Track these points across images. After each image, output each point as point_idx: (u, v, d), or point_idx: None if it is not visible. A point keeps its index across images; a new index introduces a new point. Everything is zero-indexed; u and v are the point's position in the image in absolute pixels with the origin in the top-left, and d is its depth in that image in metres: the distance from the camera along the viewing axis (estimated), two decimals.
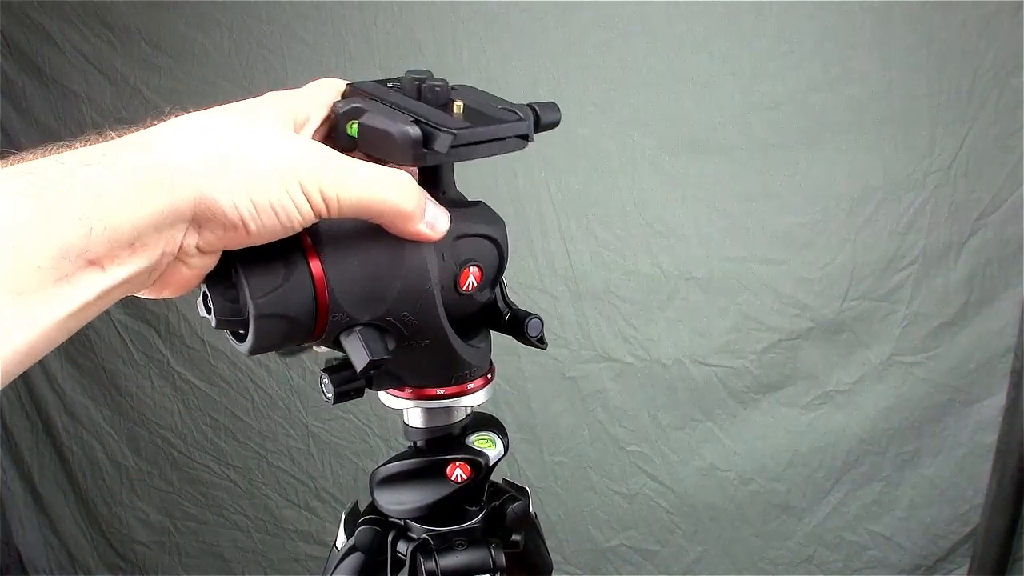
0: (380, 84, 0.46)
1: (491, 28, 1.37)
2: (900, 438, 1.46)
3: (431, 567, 0.51)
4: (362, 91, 0.45)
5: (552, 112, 0.48)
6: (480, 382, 0.51)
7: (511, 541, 0.55)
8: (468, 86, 0.48)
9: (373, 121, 0.42)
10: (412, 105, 0.43)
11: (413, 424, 0.52)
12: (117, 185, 0.32)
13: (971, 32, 1.28)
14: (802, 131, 1.35)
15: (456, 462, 0.51)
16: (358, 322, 0.43)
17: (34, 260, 0.30)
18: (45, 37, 1.48)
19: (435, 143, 0.41)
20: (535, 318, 0.51)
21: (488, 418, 0.55)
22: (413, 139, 0.41)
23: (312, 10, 1.41)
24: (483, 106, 0.45)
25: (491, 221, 0.48)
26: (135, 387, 1.64)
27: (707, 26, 1.33)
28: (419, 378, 0.49)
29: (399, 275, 0.43)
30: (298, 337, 0.43)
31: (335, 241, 0.42)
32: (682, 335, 1.47)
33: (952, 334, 1.40)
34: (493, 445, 0.53)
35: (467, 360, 0.48)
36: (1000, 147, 1.32)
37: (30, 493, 1.73)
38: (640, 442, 1.53)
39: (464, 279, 0.46)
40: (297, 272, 0.41)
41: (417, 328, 0.44)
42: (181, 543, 1.71)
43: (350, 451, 1.60)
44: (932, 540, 1.50)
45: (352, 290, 0.42)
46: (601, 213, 1.43)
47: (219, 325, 0.41)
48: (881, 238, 1.38)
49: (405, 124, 0.41)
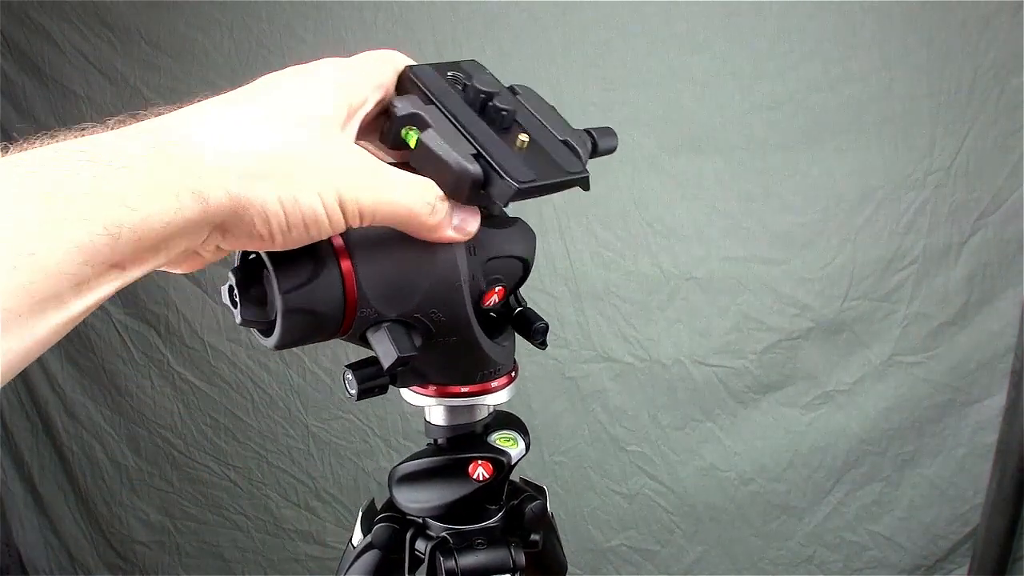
0: (441, 75, 0.43)
1: (491, 28, 1.37)
2: (900, 438, 1.46)
3: (451, 566, 0.50)
4: (421, 84, 0.42)
5: (610, 138, 0.47)
6: (504, 380, 0.50)
7: (530, 541, 0.54)
8: (531, 91, 0.46)
9: (434, 143, 0.40)
10: (475, 128, 0.41)
11: (435, 422, 0.52)
12: (148, 194, 0.31)
13: (971, 32, 1.28)
14: (802, 131, 1.35)
15: (478, 460, 0.51)
16: (386, 318, 0.42)
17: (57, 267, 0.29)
18: (45, 37, 1.48)
19: (494, 190, 0.39)
20: (543, 322, 0.51)
21: (510, 417, 0.55)
22: (473, 179, 0.39)
23: (312, 10, 1.41)
24: (545, 138, 0.43)
25: (525, 240, 0.47)
26: (135, 387, 1.63)
27: (707, 26, 1.33)
28: (445, 376, 0.49)
29: (429, 272, 0.43)
30: (325, 333, 0.42)
31: (365, 237, 0.41)
32: (682, 335, 1.47)
33: (952, 334, 1.40)
34: (516, 444, 0.52)
35: (493, 358, 0.48)
36: (1000, 147, 1.32)
37: (30, 493, 1.73)
38: (640, 442, 1.53)
39: (488, 297, 0.46)
40: (327, 268, 0.40)
41: (445, 325, 0.44)
42: (181, 543, 1.71)
43: (350, 451, 1.60)
44: (932, 540, 1.50)
45: (381, 286, 0.41)
46: (601, 213, 1.43)
47: (244, 323, 0.41)
48: (881, 238, 1.38)
49: (466, 161, 0.39)
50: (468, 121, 0.41)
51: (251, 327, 0.41)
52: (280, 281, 0.39)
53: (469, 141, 0.40)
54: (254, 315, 0.40)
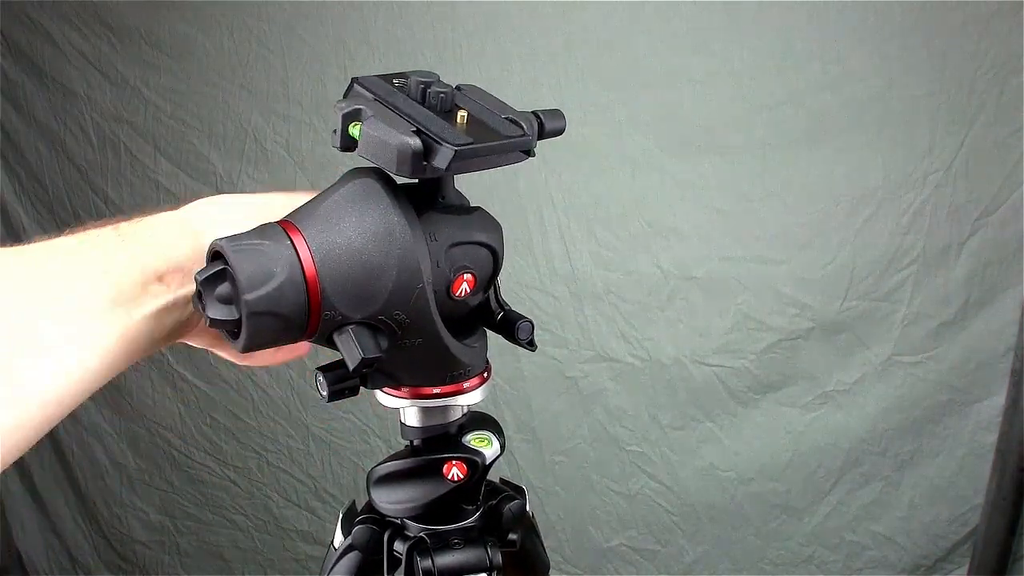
0: (385, 81, 0.46)
1: (491, 28, 1.37)
2: (900, 438, 1.46)
3: (427, 566, 0.50)
4: (366, 88, 0.45)
5: (557, 120, 0.48)
6: (476, 381, 0.51)
7: (508, 540, 0.55)
8: (475, 87, 0.48)
9: (375, 128, 0.42)
10: (415, 111, 0.43)
11: (409, 423, 0.52)
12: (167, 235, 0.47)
13: (971, 32, 1.28)
14: (802, 131, 1.35)
15: (453, 461, 0.51)
16: (351, 321, 0.43)
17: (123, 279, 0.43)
18: (45, 37, 1.48)
19: (435, 158, 0.41)
20: (527, 321, 0.51)
21: (485, 417, 0.55)
22: (413, 152, 0.41)
23: (312, 10, 1.41)
24: (487, 115, 0.45)
25: (488, 228, 0.48)
26: (135, 387, 1.63)
27: (707, 26, 1.33)
28: (415, 377, 0.49)
29: (392, 274, 0.43)
30: (291, 335, 0.43)
31: (328, 241, 0.42)
32: (682, 335, 1.47)
33: (952, 334, 1.40)
34: (490, 444, 0.52)
35: (461, 359, 0.48)
36: (1000, 147, 1.32)
37: (30, 493, 1.72)
38: (640, 442, 1.53)
39: (457, 285, 0.46)
40: (290, 271, 0.41)
41: (410, 327, 0.45)
42: (181, 543, 1.71)
43: (350, 451, 1.60)
44: (932, 540, 1.50)
45: (344, 288, 0.42)
46: (601, 213, 1.43)
47: (212, 324, 0.42)
48: (881, 238, 1.38)
49: (406, 135, 0.41)
50: (408, 107, 0.43)
51: (219, 328, 0.42)
52: (244, 285, 0.40)
53: (408, 122, 0.42)
54: (222, 314, 0.41)
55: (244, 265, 0.41)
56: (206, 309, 0.41)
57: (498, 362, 0.53)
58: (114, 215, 0.47)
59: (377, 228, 0.43)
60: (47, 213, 1.57)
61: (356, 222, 0.43)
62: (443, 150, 0.41)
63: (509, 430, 1.52)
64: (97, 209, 1.53)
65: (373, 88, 0.45)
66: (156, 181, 1.51)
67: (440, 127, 0.42)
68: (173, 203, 0.50)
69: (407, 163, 0.41)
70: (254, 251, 0.41)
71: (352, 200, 0.44)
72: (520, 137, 0.44)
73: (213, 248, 0.42)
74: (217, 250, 0.42)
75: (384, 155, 0.42)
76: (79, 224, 0.46)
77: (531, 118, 0.46)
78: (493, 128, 0.44)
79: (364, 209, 0.43)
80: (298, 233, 0.42)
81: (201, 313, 0.42)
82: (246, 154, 1.49)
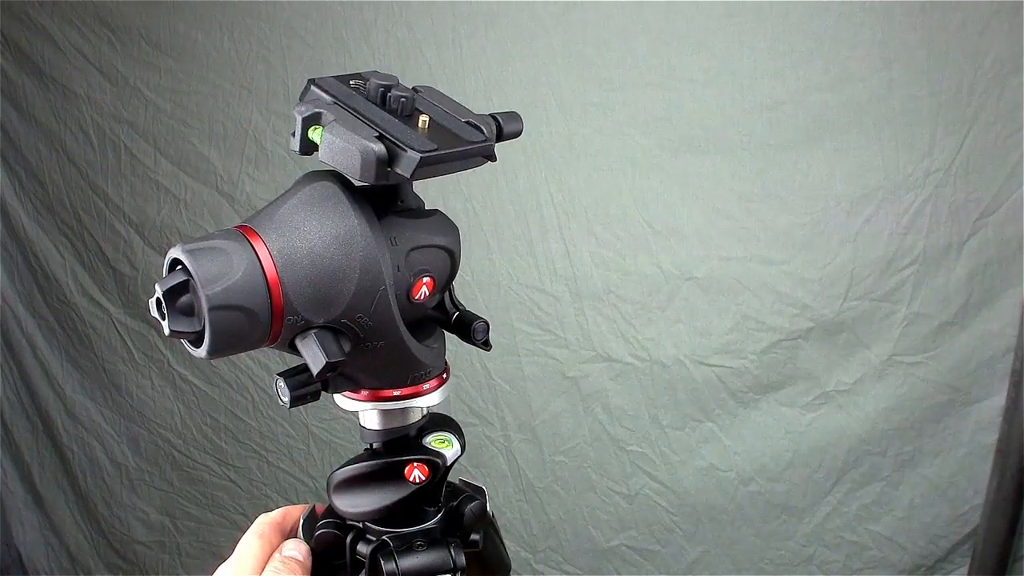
0: (343, 83, 0.46)
1: (491, 28, 1.37)
2: (900, 438, 1.46)
3: (391, 568, 0.50)
4: (324, 90, 0.45)
5: (515, 122, 0.48)
6: (435, 383, 0.51)
7: (470, 540, 0.55)
8: (433, 89, 0.48)
9: (337, 133, 0.42)
10: (376, 116, 0.43)
11: (369, 426, 0.52)
12: None
13: (971, 32, 1.28)
14: (802, 131, 1.35)
15: (414, 463, 0.51)
16: (313, 325, 0.43)
17: None
18: (45, 37, 1.48)
19: (399, 164, 0.41)
20: (482, 321, 0.51)
21: (444, 418, 0.55)
22: (378, 158, 0.41)
23: (312, 10, 1.41)
24: (448, 120, 0.45)
25: (446, 232, 0.48)
26: (135, 387, 1.64)
27: (707, 26, 1.33)
28: (375, 380, 0.49)
29: (354, 277, 0.43)
30: (255, 337, 0.43)
31: (289, 245, 0.42)
32: (682, 335, 1.47)
33: (952, 334, 1.40)
34: (450, 445, 0.53)
35: (422, 360, 0.49)
36: (1000, 147, 1.31)
37: (30, 493, 1.73)
38: (640, 442, 1.53)
39: (417, 289, 0.46)
40: (251, 268, 0.41)
41: (372, 330, 0.45)
42: (181, 543, 1.71)
43: (350, 451, 1.59)
44: (932, 540, 1.50)
45: (307, 292, 0.42)
46: (601, 213, 1.43)
47: (173, 334, 0.41)
48: (881, 238, 1.38)
49: (370, 141, 0.41)
50: (369, 111, 0.43)
51: (180, 338, 0.42)
52: (204, 280, 0.40)
53: (371, 127, 0.42)
54: (183, 326, 0.41)
55: (203, 263, 0.40)
56: (167, 320, 0.41)
57: (498, 362, 0.53)
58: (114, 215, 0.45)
59: (338, 231, 0.43)
60: (47, 213, 1.57)
61: (317, 226, 0.43)
62: (408, 157, 0.41)
63: (509, 430, 1.52)
64: (97, 209, 1.53)
65: (331, 90, 0.45)
66: (156, 181, 1.51)
67: (403, 133, 0.42)
68: (173, 203, 0.49)
69: (371, 170, 0.41)
70: (213, 251, 0.41)
71: (311, 203, 0.44)
72: (483, 143, 0.44)
73: (171, 256, 0.42)
74: (176, 257, 0.41)
75: (347, 161, 0.41)
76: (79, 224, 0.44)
77: (490, 121, 0.46)
78: (455, 133, 0.44)
79: (324, 212, 0.43)
80: (258, 237, 0.42)
81: (160, 322, 0.42)
82: (246, 154, 1.49)
